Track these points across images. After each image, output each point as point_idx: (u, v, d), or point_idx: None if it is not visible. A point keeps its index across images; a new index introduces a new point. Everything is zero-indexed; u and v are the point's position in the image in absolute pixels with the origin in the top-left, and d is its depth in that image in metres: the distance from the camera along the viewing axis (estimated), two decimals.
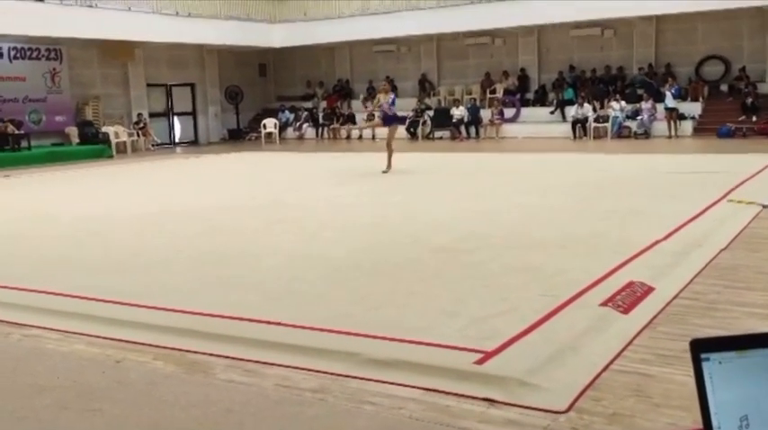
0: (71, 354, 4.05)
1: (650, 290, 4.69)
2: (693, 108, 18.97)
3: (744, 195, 8.41)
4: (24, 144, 18.14)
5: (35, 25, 17.52)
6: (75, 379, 3.69)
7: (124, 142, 20.67)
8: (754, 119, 17.75)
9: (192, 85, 24.10)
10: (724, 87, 19.43)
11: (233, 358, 3.83)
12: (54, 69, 19.81)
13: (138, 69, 22.06)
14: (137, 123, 21.46)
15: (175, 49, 22.49)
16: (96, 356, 3.99)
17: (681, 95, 19.18)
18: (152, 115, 22.48)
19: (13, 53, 18.99)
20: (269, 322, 4.32)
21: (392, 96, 12.91)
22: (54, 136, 19.69)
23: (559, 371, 3.46)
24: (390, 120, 12.86)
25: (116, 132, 20.50)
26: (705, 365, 1.03)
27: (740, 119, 17.90)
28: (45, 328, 4.49)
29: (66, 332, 4.40)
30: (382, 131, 14.99)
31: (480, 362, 3.55)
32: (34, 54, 19.40)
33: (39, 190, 12.76)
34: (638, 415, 3.01)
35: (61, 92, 20.00)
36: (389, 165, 12.48)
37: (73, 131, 19.87)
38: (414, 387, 3.34)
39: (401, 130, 19.20)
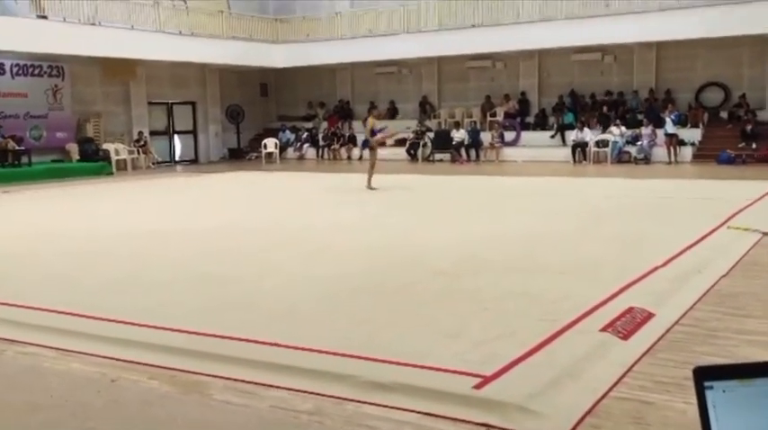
0: (67, 373, 4.02)
1: (650, 316, 4.67)
2: (693, 134, 19.03)
3: (744, 222, 8.41)
4: (25, 160, 18.17)
5: (38, 42, 17.61)
6: (69, 397, 3.66)
7: (124, 160, 20.70)
8: (754, 146, 17.81)
9: (194, 104, 24.19)
10: (724, 114, 19.50)
11: (229, 379, 3.80)
12: (56, 86, 19.88)
13: (139, 87, 22.14)
14: (137, 141, 21.51)
15: (177, 67, 22.59)
16: (92, 375, 3.96)
17: (681, 121, 19.22)
18: (153, 133, 22.53)
19: (15, 69, 19.05)
20: (266, 343, 4.29)
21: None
22: (54, 152, 19.70)
23: (559, 396, 3.43)
24: None
25: (116, 150, 20.55)
26: (708, 393, 1.02)
27: (740, 146, 17.96)
28: (41, 346, 4.47)
29: (63, 350, 4.37)
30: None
31: (479, 386, 3.52)
32: (36, 71, 19.48)
33: (38, 206, 12.75)
34: None
35: (62, 108, 20.05)
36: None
37: (73, 148, 19.91)
38: (411, 411, 3.31)
39: (402, 152, 19.53)
